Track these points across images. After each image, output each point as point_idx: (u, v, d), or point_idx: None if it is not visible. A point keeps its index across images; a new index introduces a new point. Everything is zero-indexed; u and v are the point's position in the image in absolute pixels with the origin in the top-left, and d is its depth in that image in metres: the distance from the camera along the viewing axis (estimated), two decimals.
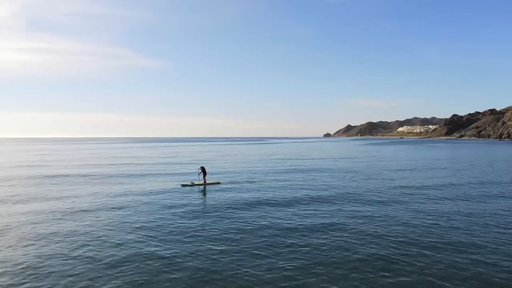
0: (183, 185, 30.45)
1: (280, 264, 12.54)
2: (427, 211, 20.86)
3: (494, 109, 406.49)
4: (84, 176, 39.13)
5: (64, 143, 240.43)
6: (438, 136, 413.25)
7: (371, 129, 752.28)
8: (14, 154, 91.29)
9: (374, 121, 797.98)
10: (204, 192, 27.82)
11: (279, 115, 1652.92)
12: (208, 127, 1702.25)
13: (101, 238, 15.62)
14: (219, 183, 31.91)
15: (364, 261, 12.79)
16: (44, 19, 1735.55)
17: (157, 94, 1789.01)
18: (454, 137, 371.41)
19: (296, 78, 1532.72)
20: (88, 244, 14.78)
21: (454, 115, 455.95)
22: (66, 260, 13.05)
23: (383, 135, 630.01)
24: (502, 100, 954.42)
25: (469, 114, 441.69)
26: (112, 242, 15.08)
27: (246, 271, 11.92)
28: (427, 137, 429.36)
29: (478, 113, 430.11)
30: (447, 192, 27.70)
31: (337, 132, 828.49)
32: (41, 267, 12.45)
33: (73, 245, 14.76)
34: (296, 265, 12.45)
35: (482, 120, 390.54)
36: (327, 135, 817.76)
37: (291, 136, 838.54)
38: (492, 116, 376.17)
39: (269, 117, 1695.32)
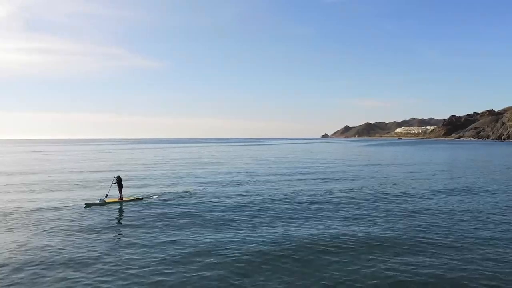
0: (88, 205, 22.64)
1: None
2: None
3: (493, 109, 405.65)
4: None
5: (60, 144, 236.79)
6: (437, 137, 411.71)
7: (369, 130, 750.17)
8: None
9: (372, 122, 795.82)
10: (114, 216, 20.44)
11: (279, 115, 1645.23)
12: (208, 127, 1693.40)
13: None
14: (141, 199, 24.78)
15: None
16: (44, 19, 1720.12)
17: (157, 94, 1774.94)
18: (453, 138, 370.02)
19: (296, 78, 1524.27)
20: None
21: (453, 115, 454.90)
22: None
23: (381, 136, 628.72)
24: (500, 100, 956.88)
25: (468, 114, 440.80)
26: None
27: None
28: (426, 138, 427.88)
29: (476, 113, 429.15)
30: None
31: (335, 133, 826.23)
32: None
33: None
34: None
35: (480, 121, 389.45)
36: (325, 136, 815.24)
37: (290, 137, 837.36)
38: (490, 117, 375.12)
39: (269, 117, 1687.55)
